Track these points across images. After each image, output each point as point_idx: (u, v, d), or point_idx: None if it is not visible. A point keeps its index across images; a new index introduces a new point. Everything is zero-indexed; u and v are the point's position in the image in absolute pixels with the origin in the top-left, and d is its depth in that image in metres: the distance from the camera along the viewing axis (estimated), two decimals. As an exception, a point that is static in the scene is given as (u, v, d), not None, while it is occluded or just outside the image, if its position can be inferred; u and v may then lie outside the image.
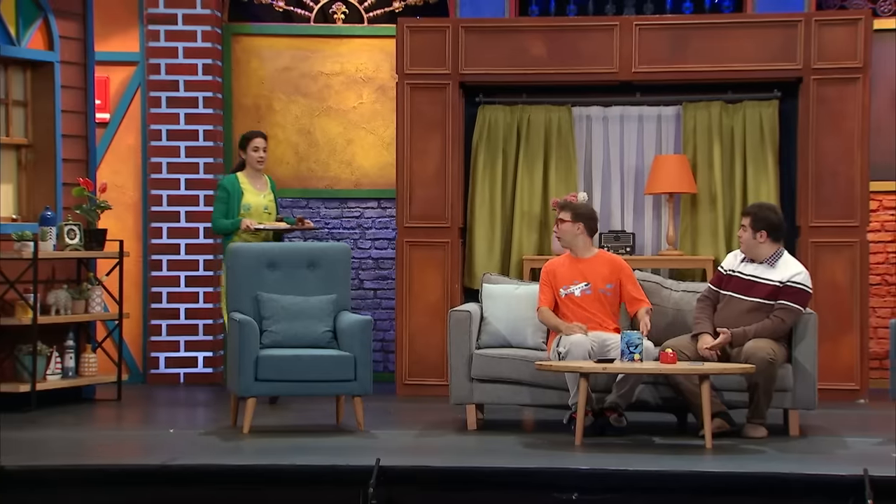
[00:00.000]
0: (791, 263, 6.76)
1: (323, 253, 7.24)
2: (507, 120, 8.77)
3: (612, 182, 8.82)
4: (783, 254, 6.79)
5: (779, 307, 6.67)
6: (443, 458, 6.01)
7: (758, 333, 6.63)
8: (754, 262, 6.79)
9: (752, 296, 6.72)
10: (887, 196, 9.04)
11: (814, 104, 8.36)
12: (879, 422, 7.34)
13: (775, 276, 6.71)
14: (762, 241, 6.75)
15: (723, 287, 6.83)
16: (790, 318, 6.65)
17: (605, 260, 6.98)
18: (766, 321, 6.65)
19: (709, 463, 5.93)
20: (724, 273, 6.87)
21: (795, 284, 6.68)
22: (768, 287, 6.71)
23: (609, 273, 6.89)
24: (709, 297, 6.85)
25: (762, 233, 6.74)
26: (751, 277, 6.75)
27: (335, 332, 6.98)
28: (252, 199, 7.97)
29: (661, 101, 8.74)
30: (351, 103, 9.52)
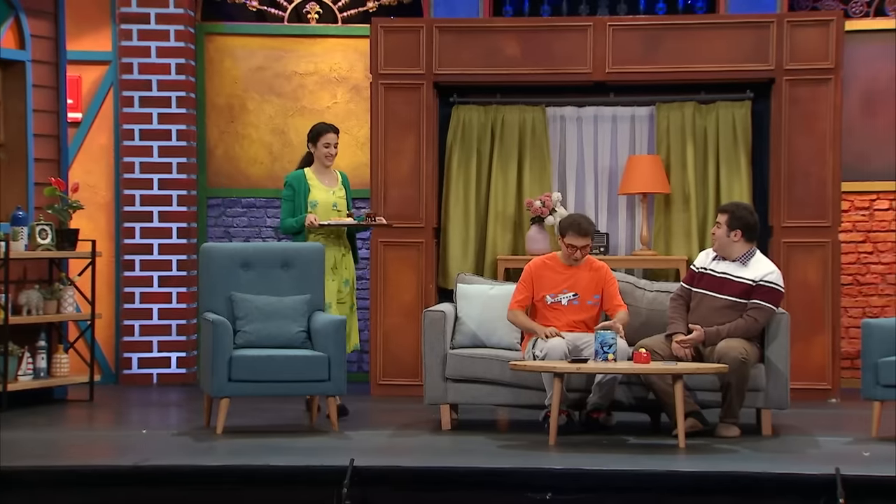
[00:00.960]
0: (763, 263, 6.81)
1: (297, 253, 7.23)
2: (482, 120, 8.78)
3: (585, 182, 8.84)
4: (755, 253, 6.83)
5: (752, 306, 6.71)
6: (417, 459, 6.01)
7: (731, 333, 6.66)
8: (726, 260, 6.83)
9: (724, 294, 6.76)
10: (859, 196, 9.10)
11: (786, 105, 8.41)
12: (851, 421, 7.38)
13: (748, 275, 6.75)
14: (736, 241, 6.79)
15: (695, 285, 6.86)
16: (763, 318, 6.69)
17: (592, 268, 6.96)
18: (740, 320, 6.69)
19: (682, 462, 5.95)
20: (696, 271, 6.90)
21: (768, 284, 6.73)
22: (741, 285, 6.75)
23: (596, 285, 6.90)
24: (682, 295, 6.89)
25: (737, 232, 6.78)
26: (723, 275, 6.79)
27: (309, 333, 6.97)
28: (320, 195, 7.45)
29: (635, 101, 8.77)
30: (325, 103, 9.51)
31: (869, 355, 6.63)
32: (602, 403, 6.73)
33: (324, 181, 7.50)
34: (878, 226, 9.09)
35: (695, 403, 6.68)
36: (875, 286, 9.10)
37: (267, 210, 9.50)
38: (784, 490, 5.32)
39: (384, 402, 8.24)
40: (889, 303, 9.06)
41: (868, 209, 9.11)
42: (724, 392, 6.64)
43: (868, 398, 6.64)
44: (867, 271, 9.12)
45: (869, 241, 9.11)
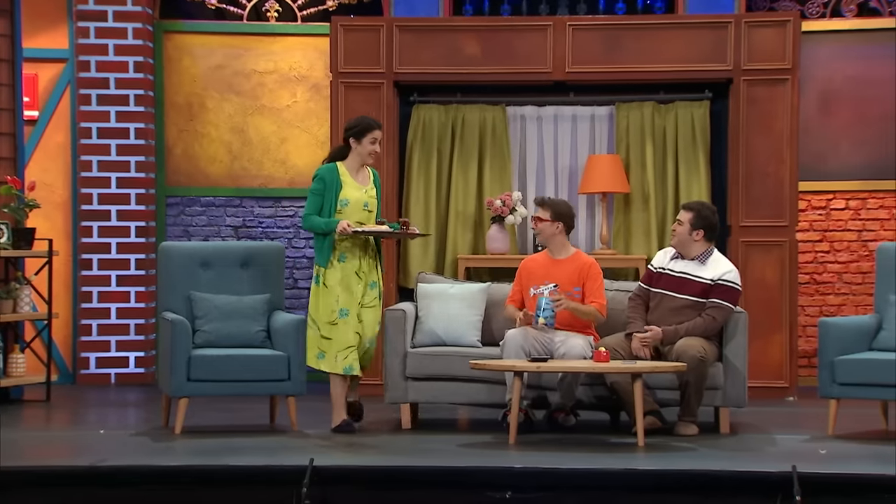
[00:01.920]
0: (721, 262, 6.85)
1: (256, 252, 7.21)
2: (442, 119, 8.79)
3: (546, 181, 8.87)
4: (713, 252, 6.87)
5: (710, 305, 6.75)
6: (377, 458, 6.01)
7: (689, 332, 6.70)
8: (684, 258, 6.86)
9: (683, 293, 6.79)
10: (815, 196, 9.18)
11: (744, 105, 8.47)
12: (808, 419, 7.45)
13: (706, 274, 6.79)
14: (696, 240, 6.82)
15: (653, 285, 6.89)
16: (721, 317, 6.74)
17: (577, 262, 6.96)
18: (698, 319, 6.73)
19: (641, 461, 5.98)
20: (654, 271, 6.93)
21: (726, 283, 6.77)
22: (700, 285, 6.79)
23: (577, 276, 6.90)
24: (640, 295, 6.92)
25: (699, 231, 6.81)
26: (681, 275, 6.82)
27: (269, 332, 6.96)
28: (351, 193, 6.82)
29: (595, 101, 8.81)
30: (285, 102, 9.49)
31: (825, 354, 6.69)
32: (564, 403, 6.74)
33: (357, 178, 6.87)
34: (835, 225, 9.18)
35: (654, 402, 6.72)
36: (832, 285, 9.19)
37: (226, 209, 9.47)
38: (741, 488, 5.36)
39: (344, 401, 8.23)
40: (845, 301, 9.15)
41: (825, 209, 9.20)
42: (683, 390, 6.68)
43: (825, 396, 6.70)
44: (824, 270, 9.20)
45: (826, 240, 9.20)
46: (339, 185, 6.80)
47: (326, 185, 6.79)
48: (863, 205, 9.15)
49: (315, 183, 6.84)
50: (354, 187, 6.83)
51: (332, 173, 6.82)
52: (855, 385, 6.58)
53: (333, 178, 6.80)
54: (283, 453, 6.05)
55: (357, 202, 6.82)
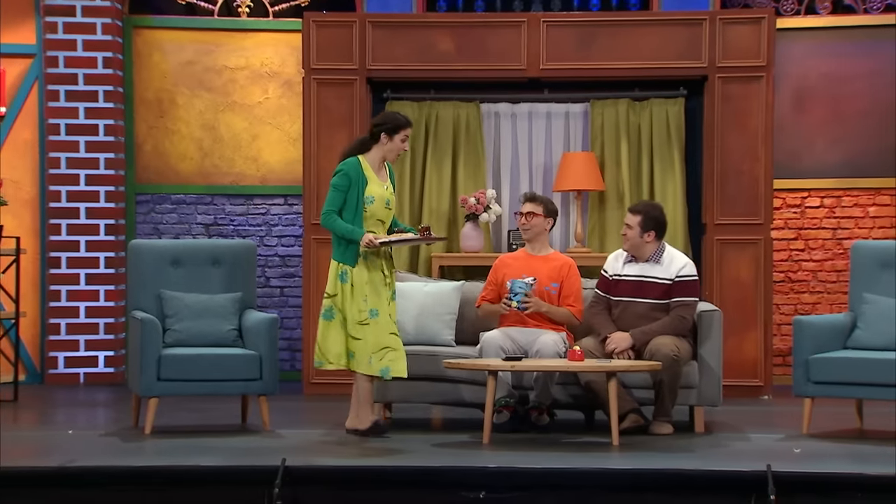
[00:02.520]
0: (676, 257, 6.83)
1: (228, 250, 7.19)
2: (415, 116, 8.78)
3: (520, 179, 8.88)
4: (665, 248, 6.87)
5: (675, 305, 6.74)
6: (350, 458, 6.00)
7: (660, 331, 6.69)
8: (637, 260, 6.84)
9: (644, 297, 6.77)
10: (790, 194, 9.23)
11: (719, 102, 8.50)
12: (783, 418, 7.49)
13: (663, 274, 6.77)
14: (649, 241, 6.81)
15: (612, 293, 6.85)
16: (690, 313, 6.75)
17: (557, 260, 6.98)
18: (667, 319, 6.72)
19: (615, 460, 6.00)
20: (609, 278, 6.89)
21: (684, 279, 6.77)
22: (659, 287, 6.76)
23: (557, 273, 6.91)
24: (599, 302, 6.88)
25: (650, 233, 6.80)
26: (638, 279, 6.79)
27: (240, 331, 6.94)
28: (376, 190, 6.52)
29: (569, 98, 8.82)
30: (256, 98, 9.46)
31: (800, 352, 6.72)
32: (540, 402, 6.75)
33: (379, 174, 6.60)
34: (810, 223, 9.23)
35: (633, 400, 6.73)
36: (807, 283, 9.24)
37: (197, 206, 9.43)
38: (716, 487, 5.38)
39: (317, 401, 8.22)
40: (820, 300, 9.20)
41: (800, 206, 9.25)
42: (657, 390, 6.69)
43: (799, 395, 6.73)
44: (799, 268, 9.25)
45: (800, 238, 9.25)
46: (365, 180, 6.52)
47: (352, 182, 6.49)
48: (837, 203, 9.20)
49: (338, 178, 6.51)
50: (377, 184, 6.57)
51: (356, 169, 6.52)
52: (830, 384, 6.62)
53: (359, 174, 6.51)
54: (254, 453, 6.04)
55: (381, 199, 6.56)
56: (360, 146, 6.64)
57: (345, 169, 6.53)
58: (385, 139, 6.59)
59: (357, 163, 6.56)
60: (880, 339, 6.69)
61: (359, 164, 6.56)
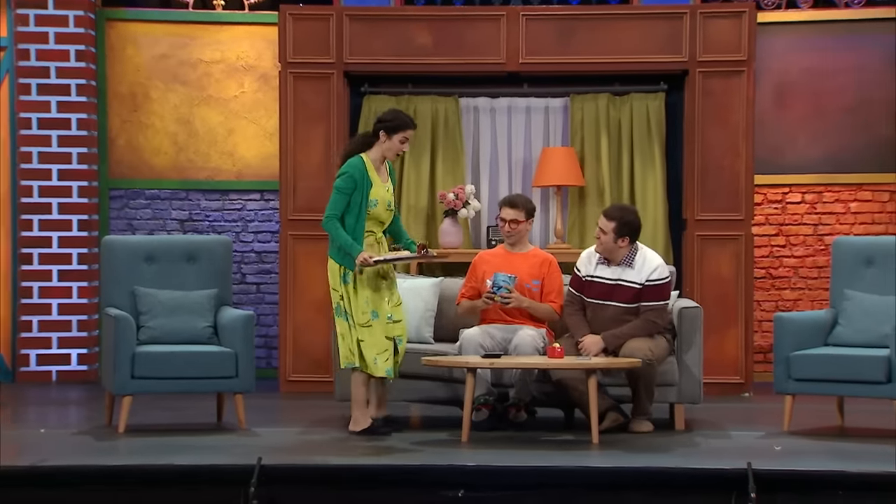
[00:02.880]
0: (648, 259, 6.80)
1: (203, 246, 7.16)
2: (393, 110, 8.75)
3: (499, 174, 8.87)
4: (638, 249, 6.84)
5: (645, 309, 6.72)
6: (327, 457, 5.99)
7: (632, 334, 6.67)
8: (610, 263, 6.82)
9: (615, 300, 6.76)
10: (771, 189, 9.24)
11: (699, 97, 8.51)
12: (763, 415, 7.51)
13: (635, 278, 6.74)
14: (622, 246, 6.80)
15: (585, 293, 6.85)
16: (661, 316, 6.73)
17: (537, 257, 6.97)
18: (639, 322, 6.70)
19: (595, 458, 6.00)
20: (582, 278, 6.87)
21: (655, 283, 6.75)
22: (630, 290, 6.74)
23: (538, 271, 6.90)
24: (573, 301, 6.86)
25: (625, 238, 6.78)
26: (610, 281, 6.78)
27: (216, 328, 6.93)
28: (379, 192, 6.52)
29: (549, 92, 8.82)
30: (232, 92, 9.43)
31: (781, 349, 6.74)
32: (519, 398, 6.74)
33: (380, 174, 6.58)
34: (791, 219, 9.25)
35: (610, 398, 6.73)
36: (788, 280, 9.26)
37: (172, 202, 9.39)
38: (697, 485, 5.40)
39: (294, 398, 8.21)
40: (801, 296, 9.23)
41: (781, 202, 9.26)
42: (634, 389, 6.69)
43: (780, 392, 6.75)
44: (780, 265, 9.27)
45: (782, 234, 9.27)
46: (369, 183, 6.49)
47: (357, 184, 6.47)
48: (819, 198, 9.22)
49: (343, 181, 6.48)
50: (380, 185, 6.55)
51: (361, 171, 6.49)
52: (811, 381, 6.64)
53: (363, 176, 6.48)
54: (230, 452, 6.02)
55: (383, 202, 6.56)
56: (363, 143, 6.60)
57: (349, 171, 6.49)
58: (384, 137, 6.57)
59: (361, 163, 6.53)
60: (861, 336, 6.71)
61: (363, 164, 6.53)
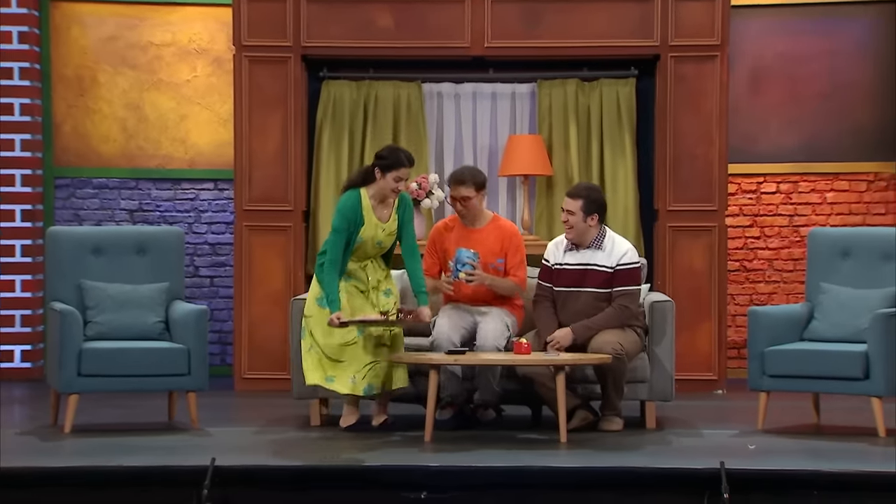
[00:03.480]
0: (617, 243, 6.84)
1: (154, 237, 7.15)
2: (353, 96, 8.76)
3: (464, 163, 8.88)
4: (606, 232, 6.88)
5: (618, 294, 6.75)
6: (283, 457, 6.00)
7: (602, 324, 6.70)
8: (579, 247, 6.86)
9: (586, 286, 6.77)
10: (746, 179, 9.31)
11: (671, 83, 8.56)
12: (737, 413, 7.57)
13: (605, 261, 6.77)
14: (592, 225, 6.83)
15: (554, 282, 6.87)
16: (633, 302, 6.76)
17: (497, 230, 6.91)
18: (609, 310, 6.72)
19: (562, 458, 6.04)
20: (550, 267, 6.89)
21: (626, 266, 6.78)
22: (601, 274, 6.77)
23: (501, 247, 6.87)
24: (545, 295, 6.86)
25: (593, 216, 6.81)
26: (580, 267, 6.80)
27: (167, 323, 6.92)
28: (367, 231, 6.58)
29: (516, 77, 8.85)
30: (184, 76, 9.40)
31: (755, 344, 6.80)
32: (484, 399, 6.76)
33: (377, 211, 6.63)
34: (766, 210, 9.32)
35: (580, 396, 6.75)
36: (762, 272, 9.34)
37: (121, 191, 9.36)
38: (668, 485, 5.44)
39: (249, 397, 8.21)
40: (776, 290, 9.31)
41: (755, 192, 9.34)
42: (603, 386, 6.72)
43: (754, 389, 6.81)
44: (754, 257, 9.35)
45: (756, 225, 9.35)
46: (361, 221, 6.57)
47: (349, 223, 6.54)
48: (794, 188, 9.31)
49: (338, 220, 6.54)
50: (372, 225, 6.60)
51: (355, 209, 6.56)
52: (786, 377, 6.70)
53: (356, 215, 6.56)
54: (182, 453, 6.02)
55: (370, 240, 6.62)
56: (363, 178, 6.65)
57: (343, 211, 6.55)
58: (379, 175, 6.61)
59: (356, 200, 6.58)
60: (838, 331, 6.78)
61: (358, 201, 6.59)
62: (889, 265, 6.89)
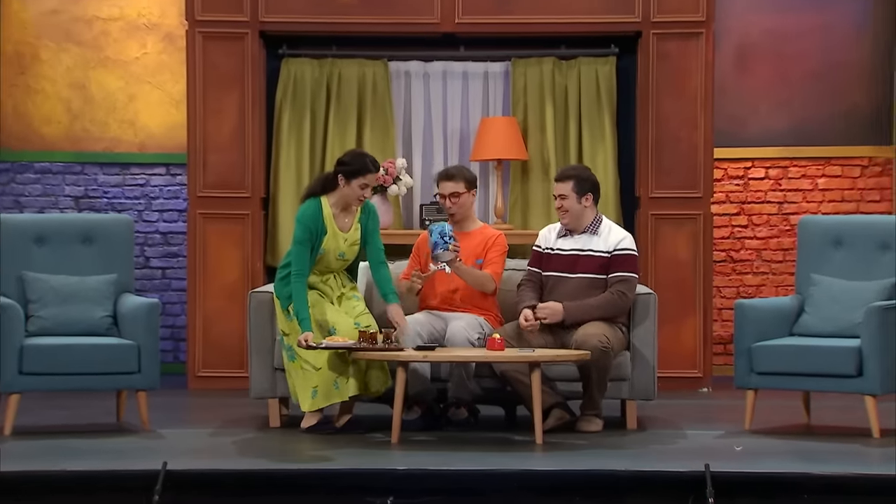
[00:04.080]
0: (614, 229, 6.87)
1: (101, 226, 7.13)
2: (315, 75, 8.75)
3: (434, 147, 8.89)
4: (602, 219, 6.90)
5: (615, 280, 6.77)
6: (240, 461, 5.99)
7: (598, 309, 6.70)
8: (573, 233, 6.86)
9: (578, 272, 6.79)
10: (733, 164, 9.34)
11: (654, 61, 8.57)
12: (723, 412, 7.59)
13: (601, 246, 6.79)
14: (587, 206, 6.84)
15: (543, 268, 6.89)
16: (631, 290, 6.77)
17: (484, 235, 6.98)
18: (606, 295, 6.73)
19: (538, 460, 6.04)
20: (541, 252, 6.92)
21: (624, 251, 6.80)
22: (596, 259, 6.79)
23: (482, 248, 6.90)
24: (531, 279, 6.89)
25: (588, 196, 6.83)
26: (574, 252, 6.82)
27: (116, 318, 6.92)
28: (329, 242, 6.63)
29: (488, 56, 8.84)
30: (133, 53, 9.36)
31: (742, 340, 6.81)
32: (458, 398, 6.75)
33: (339, 220, 6.66)
34: (754, 196, 9.36)
35: (557, 394, 6.76)
36: (750, 263, 9.37)
37: (65, 176, 9.32)
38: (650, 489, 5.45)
39: (203, 396, 8.20)
40: (765, 282, 9.34)
41: (743, 178, 9.37)
42: (585, 383, 6.73)
43: (741, 387, 6.83)
44: (742, 247, 9.38)
45: (743, 213, 9.38)
46: (323, 230, 6.61)
47: (311, 233, 6.57)
48: (784, 174, 9.34)
49: (299, 231, 6.58)
50: (333, 235, 6.64)
51: (315, 219, 6.59)
52: (774, 374, 6.72)
53: (317, 224, 6.60)
54: (131, 456, 6.01)
55: (332, 252, 6.65)
56: (323, 185, 6.66)
57: (303, 220, 6.58)
58: (342, 182, 6.62)
59: (317, 210, 6.61)
60: (829, 325, 6.80)
61: (319, 210, 6.61)
62: (885, 255, 6.91)
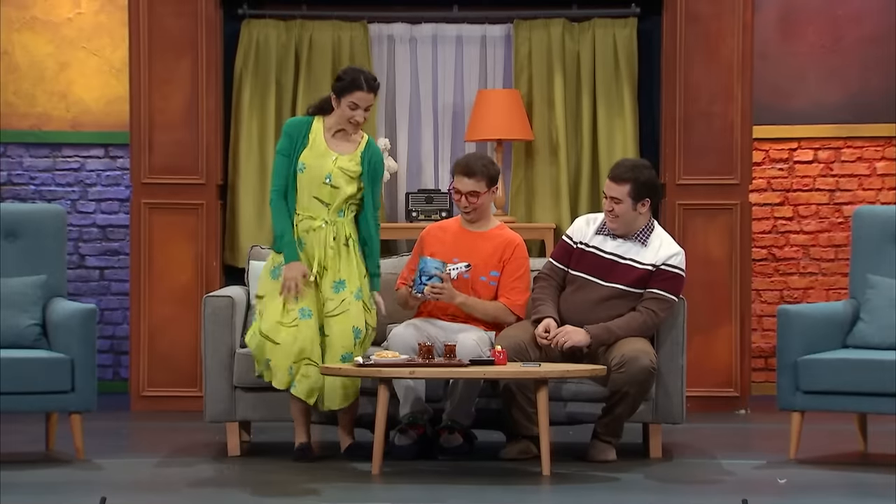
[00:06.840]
0: (666, 241, 6.80)
1: (27, 219, 7.15)
2: (282, 40, 8.77)
3: (422, 124, 8.91)
4: (655, 226, 6.86)
5: (650, 297, 6.74)
6: (191, 495, 6.00)
7: (627, 331, 6.68)
8: (619, 237, 6.84)
9: (612, 281, 6.75)
10: (775, 145, 9.36)
11: (682, 23, 8.58)
12: (763, 438, 7.62)
13: (647, 258, 6.74)
14: (643, 212, 6.79)
15: (572, 265, 6.85)
16: (665, 312, 6.73)
17: (500, 238, 6.93)
18: (636, 314, 6.70)
19: (546, 496, 6.06)
20: (573, 246, 6.88)
21: (671, 269, 6.76)
22: (636, 271, 6.75)
23: (499, 259, 6.88)
24: (551, 276, 6.87)
25: (645, 201, 6.77)
26: (613, 257, 6.78)
27: (45, 327, 6.93)
28: (313, 158, 6.69)
29: (487, 17, 8.86)
30: (65, 13, 9.38)
31: (787, 353, 6.83)
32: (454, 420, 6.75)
33: (332, 142, 6.73)
34: (800, 183, 9.38)
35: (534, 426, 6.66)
36: (796, 262, 9.39)
37: (-16, 160, 9.34)
38: (677, 528, 5.49)
39: (149, 419, 8.21)
40: (813, 284, 9.36)
41: (787, 161, 9.39)
42: (613, 404, 6.68)
43: (785, 409, 6.84)
44: (786, 243, 9.40)
45: (788, 203, 9.40)
46: (304, 143, 6.71)
47: (293, 142, 6.70)
48: (836, 156, 9.36)
49: (281, 139, 6.76)
50: (321, 153, 6.70)
51: (299, 127, 6.75)
52: (825, 393, 6.74)
53: (300, 135, 6.71)
54: (63, 491, 6.02)
55: (316, 171, 6.68)
56: (320, 106, 6.81)
57: (286, 128, 6.76)
58: (334, 101, 6.73)
59: (305, 122, 6.76)
60: (890, 336, 6.82)
61: (308, 123, 6.75)
62: (955, 253, 6.94)
